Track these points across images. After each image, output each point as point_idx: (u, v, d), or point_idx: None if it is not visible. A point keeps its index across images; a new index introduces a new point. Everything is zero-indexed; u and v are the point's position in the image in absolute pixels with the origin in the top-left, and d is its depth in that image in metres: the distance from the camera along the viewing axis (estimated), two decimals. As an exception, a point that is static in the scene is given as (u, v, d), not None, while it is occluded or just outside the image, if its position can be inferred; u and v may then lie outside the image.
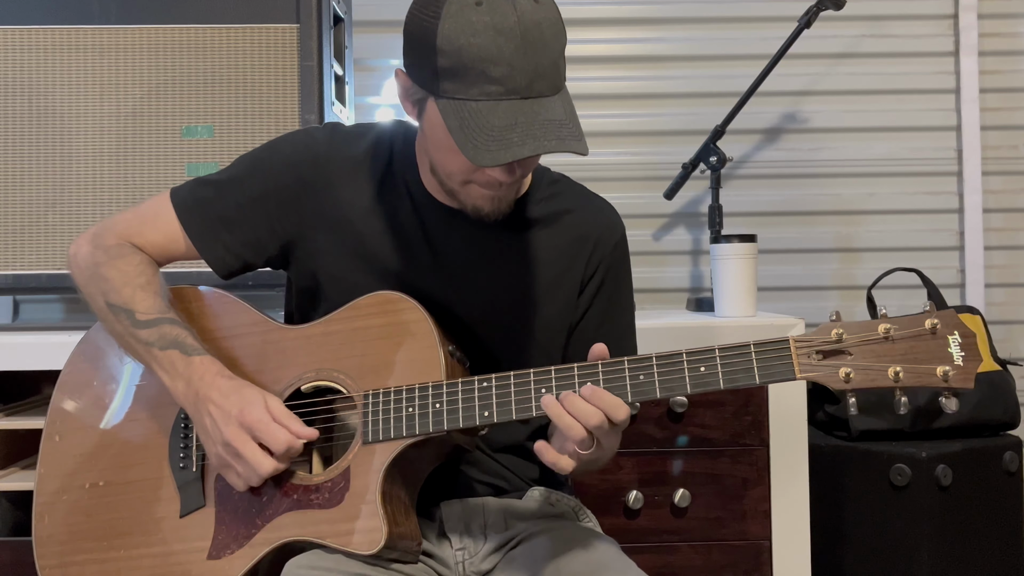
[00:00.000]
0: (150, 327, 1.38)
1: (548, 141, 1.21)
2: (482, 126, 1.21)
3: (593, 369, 1.25)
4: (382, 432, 1.31)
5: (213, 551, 1.35)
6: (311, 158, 1.43)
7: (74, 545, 1.42)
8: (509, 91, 1.21)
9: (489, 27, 1.20)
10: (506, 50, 1.20)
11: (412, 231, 1.42)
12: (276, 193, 1.43)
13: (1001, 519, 2.23)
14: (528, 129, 1.21)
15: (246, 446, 1.30)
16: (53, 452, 1.46)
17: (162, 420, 1.42)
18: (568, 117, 1.24)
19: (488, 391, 1.29)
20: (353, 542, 1.28)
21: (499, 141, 1.20)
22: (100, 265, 1.43)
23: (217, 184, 1.46)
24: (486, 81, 1.21)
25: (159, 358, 1.37)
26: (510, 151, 1.20)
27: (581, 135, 1.23)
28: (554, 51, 1.24)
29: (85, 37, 2.01)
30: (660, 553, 1.98)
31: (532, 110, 1.22)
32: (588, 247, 1.46)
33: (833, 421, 2.28)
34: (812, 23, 2.40)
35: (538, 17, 1.22)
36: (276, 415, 1.31)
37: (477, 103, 1.22)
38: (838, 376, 1.19)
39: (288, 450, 1.30)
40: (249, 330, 1.43)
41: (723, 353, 1.23)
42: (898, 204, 2.71)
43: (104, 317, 1.43)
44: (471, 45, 1.20)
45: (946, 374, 1.16)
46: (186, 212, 1.45)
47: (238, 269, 1.47)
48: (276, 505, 1.33)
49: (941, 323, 1.18)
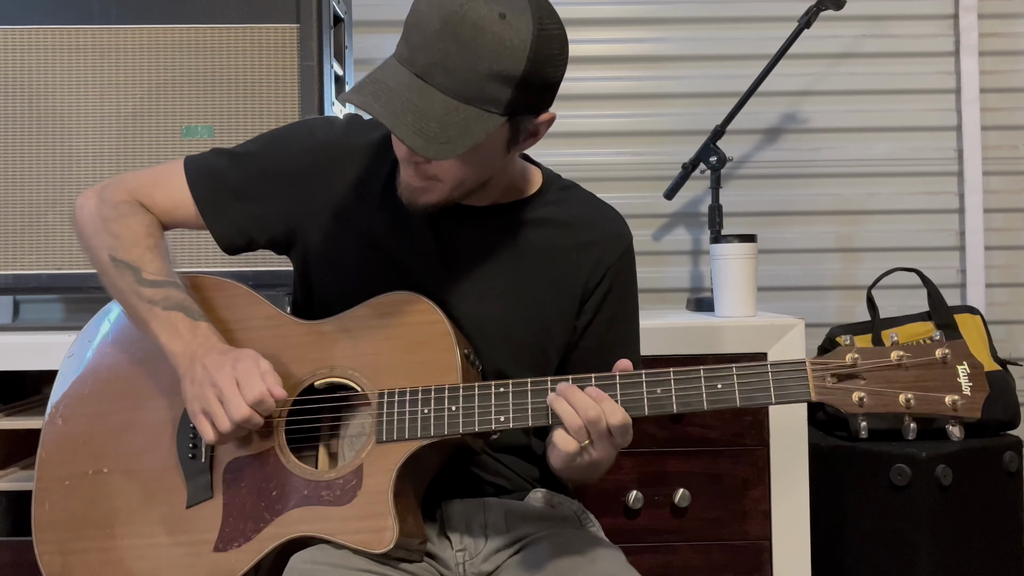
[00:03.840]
0: (156, 287, 1.38)
1: (384, 108, 1.20)
2: (370, 72, 1.25)
3: (611, 380, 1.26)
4: (396, 432, 1.31)
5: (220, 543, 1.34)
6: (328, 144, 1.44)
7: (76, 532, 1.41)
8: (408, 60, 1.23)
9: (434, 4, 1.21)
10: (430, 26, 1.20)
11: (419, 223, 1.42)
12: (289, 175, 1.43)
13: (1001, 519, 2.23)
14: (384, 92, 1.22)
15: (230, 389, 1.29)
16: (55, 436, 1.45)
17: (170, 410, 1.42)
18: (439, 120, 1.20)
19: (505, 396, 1.30)
20: (363, 540, 1.28)
21: (359, 85, 1.24)
22: (108, 221, 1.43)
23: (232, 155, 1.46)
24: (404, 43, 1.24)
25: (161, 317, 1.37)
26: (352, 95, 1.23)
27: (434, 139, 1.20)
28: (479, 65, 1.20)
29: (85, 37, 2.01)
30: (660, 553, 1.98)
31: (407, 85, 1.22)
32: (594, 253, 1.45)
33: (833, 421, 2.28)
34: (812, 23, 2.40)
35: (486, 27, 1.19)
36: (263, 370, 1.31)
37: (390, 58, 1.26)
38: (851, 400, 1.23)
39: (261, 402, 1.29)
40: (264, 323, 1.42)
41: (740, 371, 1.25)
42: (898, 204, 2.71)
43: (106, 271, 1.43)
44: (416, 9, 1.23)
45: (955, 403, 1.21)
46: (197, 179, 1.45)
47: (242, 244, 1.47)
48: (285, 500, 1.33)
49: (952, 353, 1.22)
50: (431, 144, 1.21)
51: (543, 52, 1.23)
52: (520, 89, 1.23)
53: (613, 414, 1.23)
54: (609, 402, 1.23)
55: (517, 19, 1.21)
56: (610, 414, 1.23)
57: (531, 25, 1.21)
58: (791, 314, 2.09)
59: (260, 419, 1.31)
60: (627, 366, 1.28)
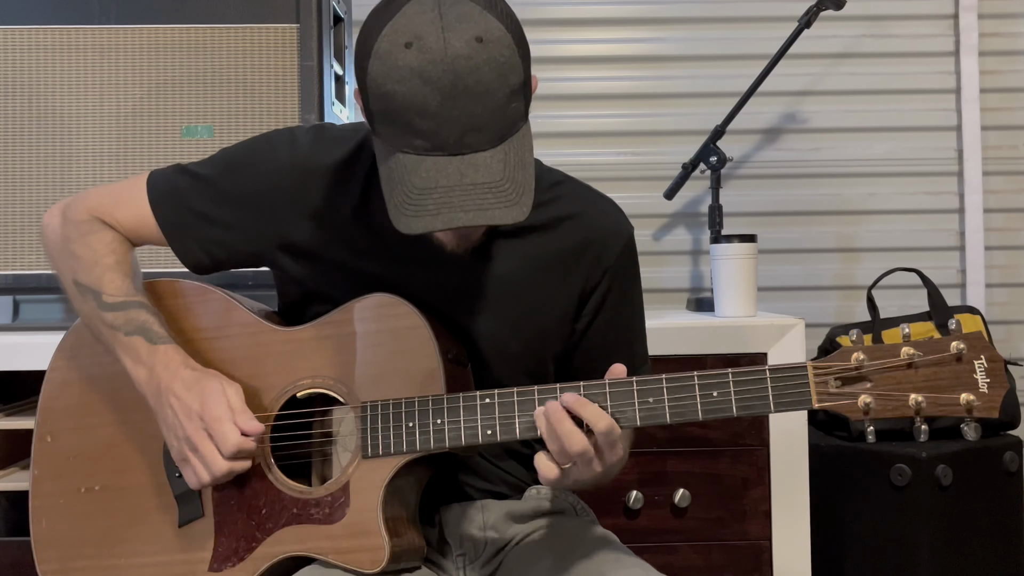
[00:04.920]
0: (116, 310, 1.35)
1: (466, 213, 1.10)
2: (404, 184, 1.12)
3: (600, 389, 1.21)
4: (382, 447, 1.28)
5: (215, 563, 1.33)
6: (291, 168, 1.35)
7: (75, 550, 1.40)
8: (435, 147, 1.11)
9: (415, 74, 1.09)
10: (432, 102, 1.09)
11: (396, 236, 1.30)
12: (252, 203, 1.36)
13: (1001, 519, 2.23)
14: (448, 195, 1.10)
15: (204, 443, 1.27)
16: (46, 453, 1.44)
17: (154, 423, 1.38)
18: (507, 175, 1.12)
19: (491, 408, 1.25)
20: (355, 560, 1.26)
21: (415, 206, 1.11)
22: (70, 241, 1.39)
23: (196, 178, 1.39)
24: (411, 133, 1.12)
25: (124, 344, 1.34)
26: (422, 220, 1.11)
27: (519, 196, 1.12)
28: (496, 97, 1.11)
29: (85, 37, 2.01)
30: (660, 553, 1.98)
31: (459, 170, 1.11)
32: (591, 254, 1.38)
33: (833, 421, 2.28)
34: (812, 23, 2.40)
35: (476, 61, 1.09)
36: (233, 405, 1.28)
37: (404, 155, 1.13)
38: (857, 406, 1.14)
39: (238, 451, 1.27)
40: (240, 331, 1.39)
41: (737, 378, 1.17)
42: (898, 204, 2.71)
43: (73, 296, 1.40)
44: (396, 93, 1.10)
45: (970, 403, 1.12)
46: (159, 200, 1.39)
47: (208, 265, 1.41)
48: (275, 518, 1.32)
49: (968, 347, 1.12)
50: (522, 205, 1.12)
51: (518, 35, 1.16)
52: (526, 86, 1.17)
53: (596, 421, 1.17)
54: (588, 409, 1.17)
55: (488, 30, 1.12)
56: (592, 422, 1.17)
57: (498, 24, 1.13)
58: (791, 314, 2.08)
59: (247, 463, 1.30)
60: (620, 371, 1.22)
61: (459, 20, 1.11)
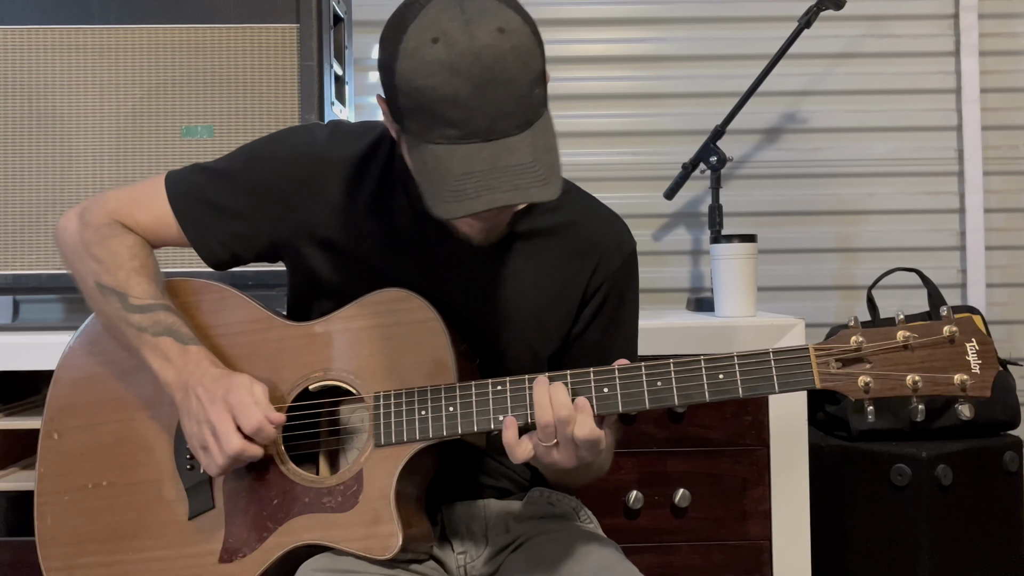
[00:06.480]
0: (143, 312, 1.36)
1: (505, 192, 1.14)
2: (440, 172, 1.16)
3: (610, 374, 1.24)
4: (395, 435, 1.30)
5: (224, 554, 1.34)
6: (307, 158, 1.39)
7: (80, 547, 1.40)
8: (468, 134, 1.15)
9: (444, 67, 1.13)
10: (462, 92, 1.13)
11: (408, 233, 1.39)
12: (270, 191, 1.39)
13: (1001, 519, 2.23)
14: (485, 179, 1.14)
15: (224, 424, 1.29)
16: (52, 450, 1.45)
17: (164, 419, 1.40)
18: (537, 157, 1.17)
19: (503, 395, 1.28)
20: (368, 547, 1.27)
21: (455, 192, 1.15)
22: (91, 245, 1.41)
23: (213, 172, 1.42)
24: (444, 124, 1.15)
25: (151, 344, 1.35)
26: (463, 204, 1.14)
27: (550, 176, 1.16)
28: (521, 84, 1.16)
29: (85, 37, 2.01)
30: (660, 553, 1.98)
31: (493, 154, 1.15)
32: (592, 262, 1.40)
33: (833, 421, 2.28)
34: (812, 23, 2.40)
35: (501, 50, 1.14)
36: (258, 399, 1.30)
37: (437, 146, 1.16)
38: (857, 385, 1.20)
39: (259, 431, 1.29)
40: (252, 327, 1.41)
41: (742, 360, 1.22)
42: (898, 204, 2.71)
43: (92, 297, 1.41)
44: (426, 87, 1.14)
45: (963, 383, 1.18)
46: (178, 197, 1.42)
47: (228, 260, 1.44)
48: (288, 508, 1.32)
49: (960, 330, 1.19)
50: (554, 184, 1.17)
51: (533, 26, 1.20)
52: (544, 74, 1.21)
53: (583, 425, 1.21)
54: (586, 415, 1.22)
55: (508, 21, 1.16)
56: (580, 424, 1.21)
57: (516, 15, 1.18)
58: (791, 314, 2.09)
59: (259, 450, 1.31)
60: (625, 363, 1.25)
61: (481, 14, 1.16)
